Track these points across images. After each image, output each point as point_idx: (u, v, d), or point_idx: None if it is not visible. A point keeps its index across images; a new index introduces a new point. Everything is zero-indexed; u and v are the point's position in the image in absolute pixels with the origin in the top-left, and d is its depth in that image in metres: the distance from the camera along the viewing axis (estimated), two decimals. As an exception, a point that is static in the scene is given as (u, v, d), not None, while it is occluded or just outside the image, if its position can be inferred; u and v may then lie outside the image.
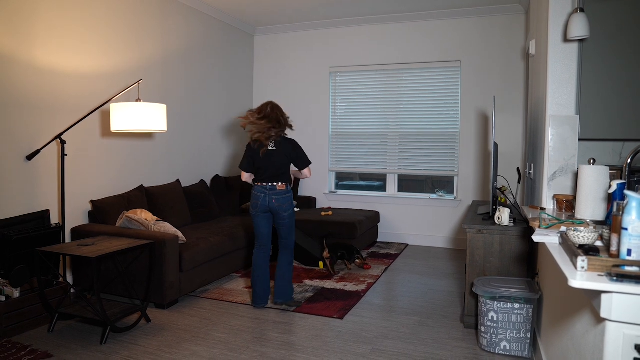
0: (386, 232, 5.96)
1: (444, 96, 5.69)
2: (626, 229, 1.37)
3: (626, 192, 1.40)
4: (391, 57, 5.82)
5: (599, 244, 1.69)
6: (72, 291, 3.49)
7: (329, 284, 4.10)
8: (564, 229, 1.87)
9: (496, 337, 2.75)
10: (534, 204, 3.14)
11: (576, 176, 2.49)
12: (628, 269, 1.29)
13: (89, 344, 2.90)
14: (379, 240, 5.97)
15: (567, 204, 2.48)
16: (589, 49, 2.56)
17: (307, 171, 3.49)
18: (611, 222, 1.49)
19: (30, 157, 3.42)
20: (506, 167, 5.09)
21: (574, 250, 1.47)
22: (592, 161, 2.22)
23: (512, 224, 3.04)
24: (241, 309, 3.53)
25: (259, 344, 2.92)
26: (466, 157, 5.57)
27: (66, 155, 3.54)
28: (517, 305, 2.69)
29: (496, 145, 3.25)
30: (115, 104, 3.59)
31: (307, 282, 4.13)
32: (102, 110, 3.97)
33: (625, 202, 1.38)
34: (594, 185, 2.15)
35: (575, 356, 1.68)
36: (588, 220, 2.08)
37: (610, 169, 2.25)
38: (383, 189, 6.14)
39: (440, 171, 5.78)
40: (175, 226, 4.25)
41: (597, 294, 1.30)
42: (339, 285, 4.06)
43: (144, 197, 4.27)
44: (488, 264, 3.08)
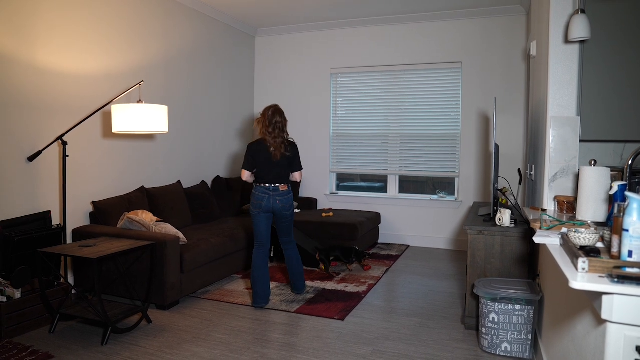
0: (387, 234, 5.96)
1: (445, 97, 5.69)
2: (627, 230, 1.37)
3: (627, 193, 1.40)
4: (392, 58, 5.83)
5: (600, 245, 1.69)
6: (73, 292, 3.49)
7: (329, 285, 4.10)
8: (565, 230, 1.87)
9: (497, 339, 2.74)
10: (535, 205, 3.14)
11: (577, 177, 2.49)
12: (629, 270, 1.29)
13: (90, 344, 2.90)
14: (379, 241, 5.96)
15: (568, 205, 2.48)
16: (590, 50, 2.56)
17: (298, 175, 3.65)
18: (612, 224, 1.49)
19: (31, 158, 3.43)
20: (507, 168, 5.09)
21: (575, 252, 1.47)
22: (593, 162, 2.22)
23: (513, 225, 3.04)
24: (242, 310, 3.53)
25: (259, 345, 2.92)
26: (467, 158, 5.57)
27: (67, 156, 3.55)
28: (518, 307, 2.69)
29: (497, 146, 3.25)
30: (116, 105, 3.60)
31: (308, 283, 4.13)
32: (103, 111, 3.98)
33: (626, 203, 1.38)
34: (595, 186, 2.15)
35: (576, 358, 1.68)
36: (589, 222, 2.08)
37: (611, 171, 2.25)
38: (384, 190, 6.14)
39: (441, 172, 5.78)
40: (176, 227, 4.25)
41: (598, 295, 1.29)
42: (340, 287, 4.06)
43: (145, 198, 4.28)
44: (489, 265, 3.08)
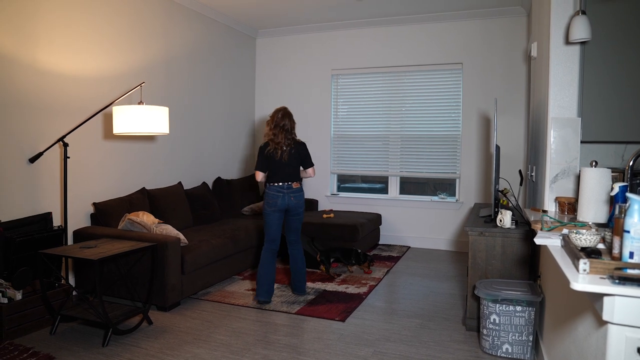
0: (388, 235, 5.96)
1: (446, 98, 5.69)
2: (628, 231, 1.37)
3: (628, 194, 1.40)
4: (393, 59, 5.83)
5: (601, 246, 1.69)
6: (74, 293, 3.49)
7: (330, 286, 4.10)
8: (566, 231, 1.87)
9: (498, 340, 2.74)
10: (535, 207, 3.14)
11: (578, 178, 2.48)
12: (630, 271, 1.29)
13: (91, 346, 2.90)
14: (380, 242, 5.96)
15: (569, 207, 2.48)
16: (590, 51, 2.56)
17: (311, 171, 3.78)
18: (613, 225, 1.48)
19: (32, 160, 3.44)
20: (508, 169, 5.09)
21: (576, 253, 1.47)
22: (594, 163, 2.22)
23: (514, 226, 3.04)
24: (243, 311, 3.53)
25: (260, 346, 2.92)
26: (468, 160, 5.57)
27: (68, 157, 3.55)
28: (519, 308, 2.68)
29: (498, 147, 3.25)
30: (117, 106, 3.60)
31: (309, 284, 4.13)
32: (104, 112, 3.99)
33: (627, 204, 1.38)
34: (596, 187, 2.14)
35: (578, 359, 1.68)
36: (590, 223, 2.08)
37: (613, 172, 2.25)
38: (385, 191, 6.14)
39: (442, 173, 5.78)
40: (177, 228, 4.25)
41: (599, 296, 1.29)
42: (341, 288, 4.05)
43: (146, 199, 4.28)
44: (490, 266, 3.07)
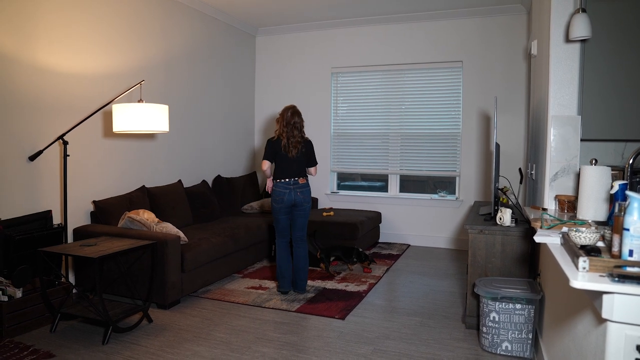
0: (388, 233, 5.96)
1: (446, 96, 5.68)
2: (628, 229, 1.37)
3: (628, 192, 1.40)
4: (393, 57, 5.82)
5: (600, 244, 1.69)
6: (74, 291, 3.49)
7: (330, 284, 4.11)
8: (565, 229, 1.87)
9: (498, 338, 2.74)
10: (535, 205, 3.14)
11: (578, 176, 2.48)
12: (629, 269, 1.29)
13: (91, 344, 2.91)
14: (380, 240, 5.96)
15: (569, 205, 2.48)
16: (590, 49, 2.56)
17: (313, 170, 3.90)
18: (613, 223, 1.48)
19: (32, 158, 3.44)
20: (508, 167, 5.09)
21: (575, 251, 1.47)
22: (594, 161, 2.22)
23: (513, 224, 3.04)
24: (243, 309, 3.53)
25: (260, 344, 2.92)
26: (468, 158, 5.57)
27: (68, 155, 3.55)
28: (518, 306, 2.69)
29: (498, 145, 3.25)
30: (117, 104, 3.60)
31: (309, 282, 4.13)
32: (104, 111, 3.98)
33: (627, 202, 1.38)
34: (596, 185, 2.14)
35: (577, 357, 1.68)
36: (590, 221, 2.08)
37: (612, 170, 2.25)
38: (385, 189, 6.14)
39: (442, 171, 5.78)
40: (177, 226, 4.25)
41: (598, 294, 1.29)
42: (341, 286, 4.06)
43: (145, 197, 4.28)
44: (490, 264, 3.08)
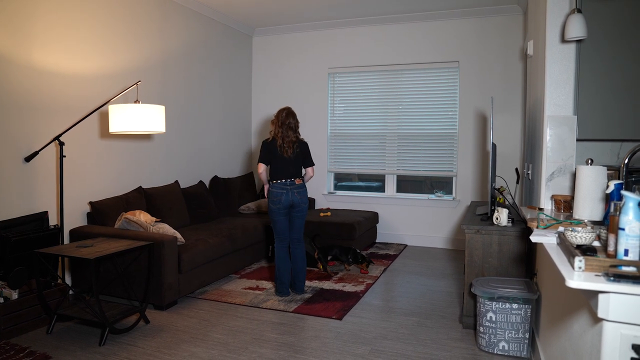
0: (385, 233, 5.96)
1: (443, 97, 5.69)
2: (623, 229, 1.38)
3: (623, 192, 1.40)
4: (389, 58, 5.83)
5: (596, 244, 1.69)
6: (70, 292, 3.48)
7: (327, 284, 4.10)
8: (561, 229, 1.88)
9: (495, 338, 2.75)
10: (532, 204, 3.15)
11: (574, 176, 2.49)
12: (625, 269, 1.30)
13: (88, 345, 2.90)
14: (377, 240, 5.97)
15: (565, 204, 2.49)
16: (586, 49, 2.57)
17: (310, 170, 3.85)
18: (608, 222, 1.49)
19: (28, 159, 3.42)
20: (504, 167, 5.10)
21: (571, 251, 1.48)
22: (589, 161, 2.23)
23: (510, 224, 3.05)
24: (240, 310, 3.53)
25: (257, 344, 2.92)
26: (465, 158, 5.58)
27: (65, 156, 3.54)
28: (515, 306, 2.69)
29: (494, 145, 3.26)
30: (113, 105, 3.59)
31: (306, 282, 4.13)
32: (100, 111, 3.97)
33: (623, 202, 1.39)
34: (592, 185, 2.15)
35: (573, 356, 1.69)
36: (586, 221, 2.09)
37: (608, 169, 2.26)
38: (382, 189, 6.14)
39: (438, 172, 5.79)
40: (173, 227, 4.24)
41: (594, 294, 1.30)
42: (338, 286, 4.06)
43: (142, 198, 4.27)
44: (486, 264, 3.08)
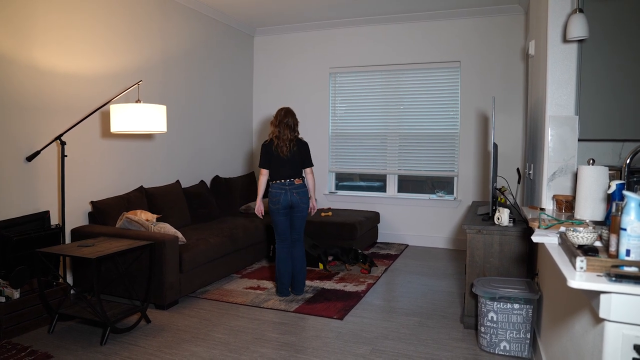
0: (386, 233, 5.96)
1: (444, 97, 5.69)
2: (625, 229, 1.37)
3: (625, 192, 1.40)
4: (391, 57, 5.83)
5: (598, 244, 1.69)
6: (72, 292, 3.49)
7: (328, 284, 4.11)
8: (563, 229, 1.88)
9: (496, 338, 2.75)
10: (533, 204, 3.15)
11: (576, 176, 2.49)
12: (627, 269, 1.29)
13: (89, 344, 2.90)
14: (378, 240, 5.97)
15: (567, 204, 2.49)
16: (588, 49, 2.57)
17: (309, 171, 3.80)
18: (610, 223, 1.49)
19: (30, 158, 3.43)
20: (506, 167, 5.09)
21: (573, 251, 1.48)
22: (591, 161, 2.22)
23: (511, 224, 3.04)
24: (241, 309, 3.53)
25: (258, 344, 2.92)
26: (466, 158, 5.57)
27: (66, 156, 3.54)
28: (516, 306, 2.69)
29: (496, 145, 3.25)
30: (115, 105, 3.60)
31: (307, 282, 4.13)
32: (101, 111, 3.98)
33: (624, 202, 1.38)
34: (593, 185, 2.15)
35: (575, 356, 1.68)
36: (587, 221, 2.09)
37: (610, 169, 2.25)
38: (383, 189, 6.14)
39: (440, 171, 5.78)
40: (175, 227, 4.25)
41: (596, 294, 1.30)
42: (339, 286, 4.06)
43: (143, 197, 4.27)
44: (488, 264, 3.08)
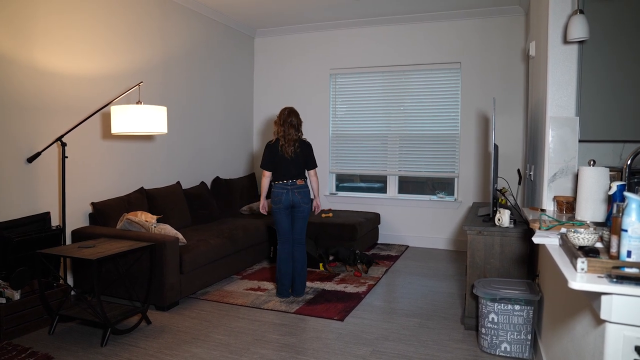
0: (387, 234, 5.96)
1: (444, 98, 5.69)
2: (626, 230, 1.37)
3: (626, 193, 1.40)
4: (391, 59, 5.83)
5: (599, 245, 1.69)
6: (72, 293, 3.49)
7: (329, 285, 4.10)
8: (564, 230, 1.87)
9: (497, 339, 2.74)
10: (534, 206, 3.14)
11: (576, 177, 2.49)
12: (628, 270, 1.29)
13: (90, 346, 2.90)
14: (379, 241, 5.96)
15: (568, 206, 2.48)
16: (588, 50, 2.56)
17: (313, 172, 3.83)
18: (611, 224, 1.48)
19: (30, 160, 3.43)
20: (506, 168, 5.09)
21: (573, 252, 1.47)
22: (592, 162, 2.22)
23: (512, 225, 3.04)
24: (241, 310, 3.53)
25: (259, 345, 2.92)
26: (466, 159, 5.57)
27: (67, 157, 3.55)
28: (517, 307, 2.69)
29: (496, 146, 3.25)
30: (115, 106, 3.60)
31: (308, 283, 4.12)
32: (102, 112, 3.98)
33: (625, 203, 1.38)
34: (594, 186, 2.15)
35: (576, 358, 1.68)
36: (588, 222, 2.08)
37: (610, 170, 2.25)
38: (383, 190, 6.14)
39: (440, 173, 5.78)
40: (175, 228, 4.25)
41: (597, 295, 1.29)
42: (340, 287, 4.05)
43: (144, 199, 4.27)
44: (488, 265, 3.08)
